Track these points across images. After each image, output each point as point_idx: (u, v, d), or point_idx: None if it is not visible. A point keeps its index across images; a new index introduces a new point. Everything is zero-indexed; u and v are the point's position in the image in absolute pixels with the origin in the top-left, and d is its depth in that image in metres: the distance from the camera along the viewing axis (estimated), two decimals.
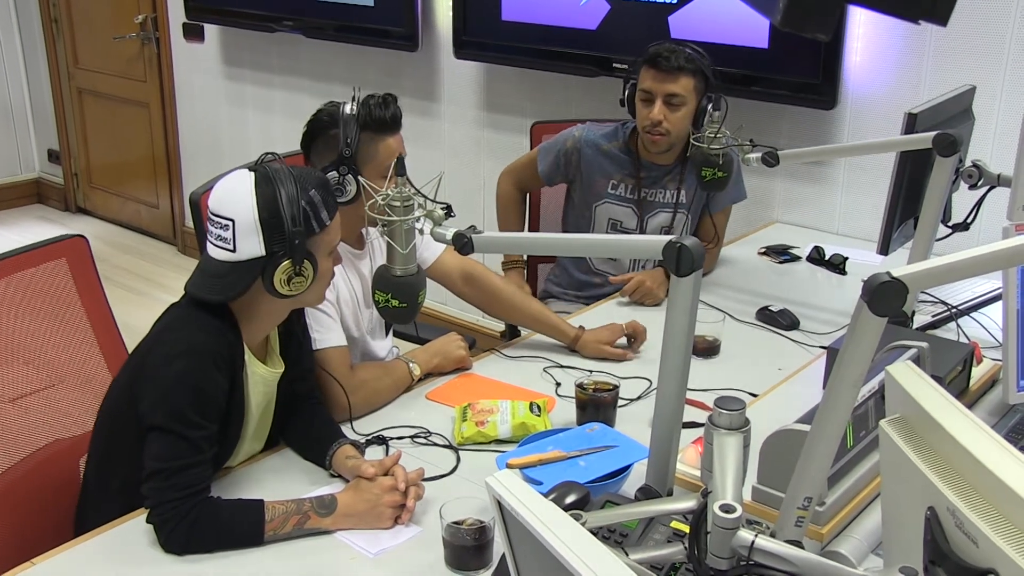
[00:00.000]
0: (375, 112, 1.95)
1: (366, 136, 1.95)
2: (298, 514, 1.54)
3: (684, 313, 1.40)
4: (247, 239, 1.56)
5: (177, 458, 1.52)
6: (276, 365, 1.76)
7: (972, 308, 2.29)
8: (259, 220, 1.55)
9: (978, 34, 2.70)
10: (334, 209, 1.65)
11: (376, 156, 1.97)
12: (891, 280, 1.03)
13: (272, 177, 1.57)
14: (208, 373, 1.56)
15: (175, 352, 1.56)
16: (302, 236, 1.56)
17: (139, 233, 5.58)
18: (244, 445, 1.73)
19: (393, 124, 1.99)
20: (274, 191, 1.55)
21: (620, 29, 3.25)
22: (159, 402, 1.54)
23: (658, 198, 2.64)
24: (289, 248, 1.56)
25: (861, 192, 3.03)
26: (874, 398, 1.52)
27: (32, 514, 1.78)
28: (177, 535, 1.50)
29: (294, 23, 4.17)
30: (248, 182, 1.57)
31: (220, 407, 1.59)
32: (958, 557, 0.89)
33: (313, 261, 1.60)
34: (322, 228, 1.62)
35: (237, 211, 1.56)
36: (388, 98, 1.99)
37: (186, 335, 1.59)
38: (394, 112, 1.98)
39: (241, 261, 1.57)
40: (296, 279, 1.58)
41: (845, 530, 1.47)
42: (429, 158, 3.99)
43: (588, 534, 0.80)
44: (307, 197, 1.58)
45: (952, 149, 2.05)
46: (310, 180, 1.62)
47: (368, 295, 2.12)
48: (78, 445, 1.85)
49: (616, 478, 1.61)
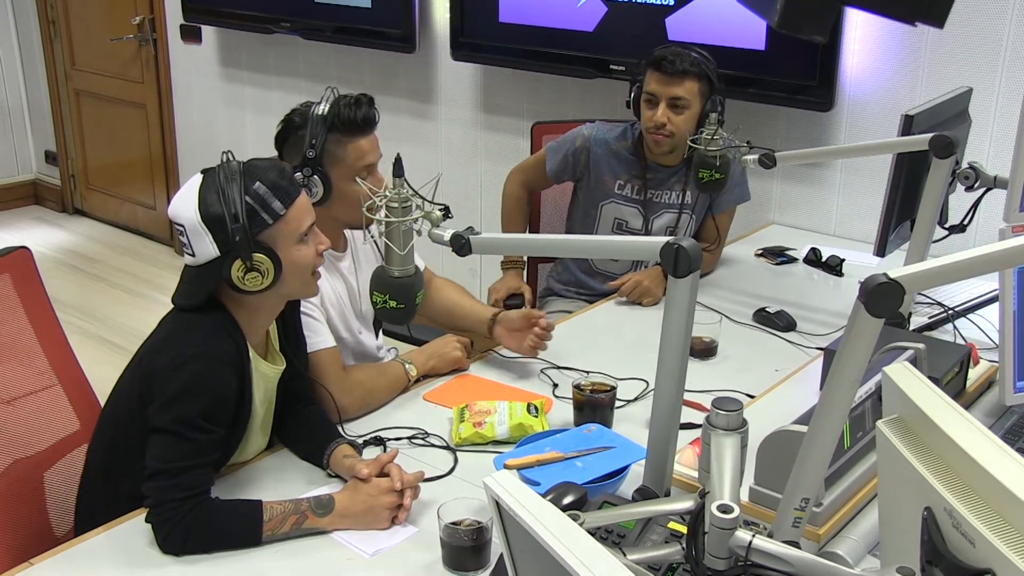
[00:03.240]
0: (344, 113, 1.92)
1: (334, 137, 1.93)
2: (296, 514, 1.54)
3: (682, 314, 1.40)
4: (199, 242, 1.56)
5: (181, 459, 1.53)
6: (277, 362, 1.76)
7: (969, 310, 2.29)
8: (202, 221, 1.55)
9: (975, 36, 2.71)
10: (291, 196, 1.61)
11: (345, 158, 1.94)
12: (888, 281, 1.03)
13: (216, 176, 1.57)
14: (221, 376, 1.57)
15: (187, 355, 1.56)
16: (244, 231, 1.55)
17: (136, 235, 5.58)
18: (250, 442, 1.73)
19: (364, 125, 1.95)
20: (214, 190, 1.55)
21: (617, 31, 3.25)
22: (170, 405, 1.54)
23: (663, 199, 2.65)
24: (235, 245, 1.55)
25: (858, 194, 3.03)
26: (871, 399, 1.53)
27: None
28: (175, 536, 1.50)
29: (291, 25, 4.16)
30: (194, 185, 1.58)
31: (230, 411, 1.60)
32: (955, 557, 0.89)
33: (270, 253, 1.58)
34: (275, 218, 1.59)
35: (186, 216, 1.56)
36: (361, 99, 1.95)
37: (196, 339, 1.59)
38: (366, 114, 1.95)
39: (202, 264, 1.58)
40: (250, 275, 1.57)
41: (842, 531, 1.48)
42: (426, 159, 3.99)
43: (586, 534, 0.80)
44: (252, 192, 1.57)
45: (949, 151, 2.05)
46: (258, 172, 1.60)
47: (354, 296, 2.12)
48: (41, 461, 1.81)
49: (614, 479, 1.61)
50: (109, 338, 4.09)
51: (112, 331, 4.20)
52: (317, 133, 1.91)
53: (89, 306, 4.58)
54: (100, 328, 4.29)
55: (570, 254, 2.64)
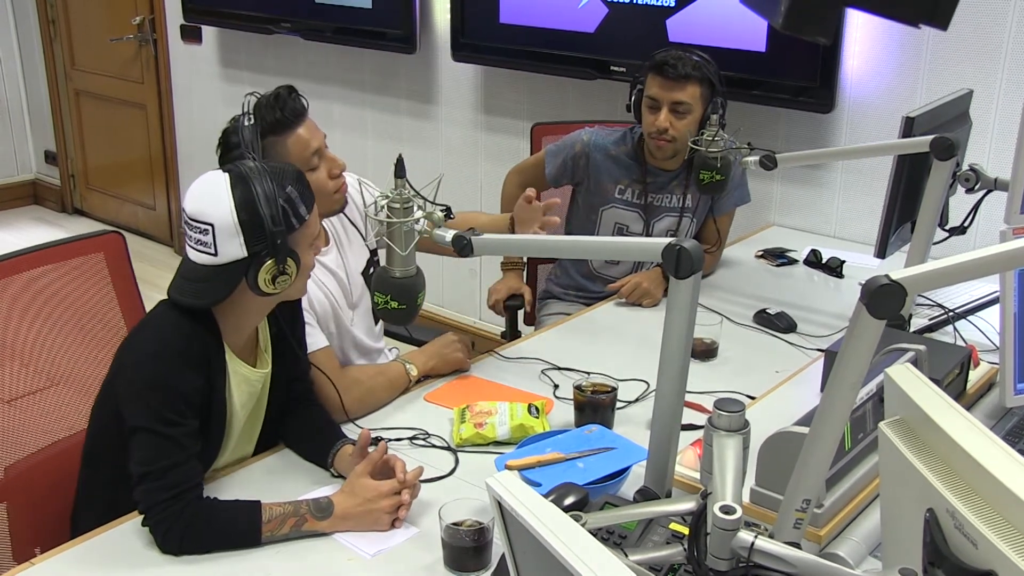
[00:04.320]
0: (267, 115, 1.89)
1: (270, 140, 1.90)
2: (295, 516, 1.54)
3: (683, 315, 1.40)
4: (228, 242, 1.53)
5: (162, 458, 1.52)
6: (264, 365, 1.74)
7: (969, 311, 2.29)
8: (238, 222, 1.52)
9: (975, 38, 2.71)
10: (312, 202, 1.62)
11: (288, 155, 1.92)
12: (890, 283, 1.03)
13: (247, 176, 1.54)
14: (178, 371, 1.55)
15: (145, 353, 1.56)
16: (283, 234, 1.54)
17: (136, 235, 5.57)
18: (230, 445, 1.72)
19: (292, 118, 1.91)
20: (251, 191, 1.53)
21: (618, 32, 3.25)
22: (135, 404, 1.54)
23: (664, 203, 2.65)
24: (272, 248, 1.54)
25: (858, 195, 3.03)
26: (872, 400, 1.53)
27: (28, 513, 1.78)
28: (172, 536, 1.50)
29: (292, 25, 4.17)
30: (223, 184, 1.54)
31: (195, 403, 1.58)
32: (957, 559, 0.89)
33: (296, 257, 1.58)
34: (301, 223, 1.59)
35: (215, 215, 1.52)
36: (280, 92, 1.92)
37: (155, 335, 1.58)
38: (291, 106, 1.91)
39: (223, 264, 1.55)
40: (281, 278, 1.57)
41: (843, 532, 1.48)
42: (426, 160, 3.99)
43: (588, 535, 0.80)
44: (284, 194, 1.55)
45: (949, 153, 2.05)
46: (286, 176, 1.58)
47: (346, 288, 2.12)
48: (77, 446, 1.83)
49: (615, 480, 1.61)
50: None
51: None
52: (252, 145, 1.88)
53: None
54: None
55: (571, 255, 2.64)
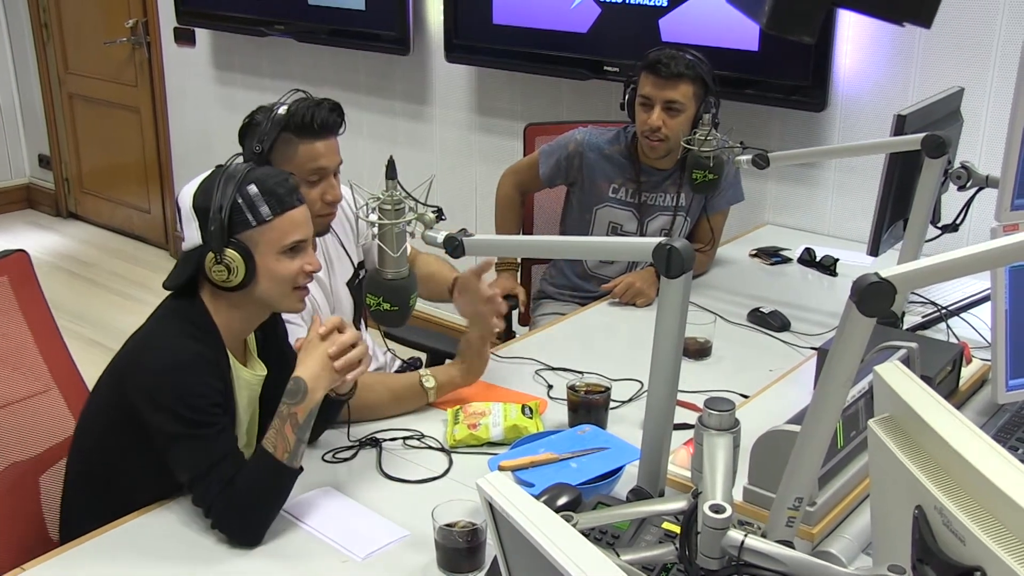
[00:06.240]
0: (299, 113, 1.91)
1: (285, 136, 1.92)
2: (286, 422, 1.56)
3: (674, 315, 1.40)
4: (189, 227, 1.62)
5: (205, 459, 1.54)
6: (257, 369, 1.76)
7: (961, 309, 2.30)
8: (193, 208, 1.61)
9: (966, 36, 2.72)
10: (284, 206, 1.61)
11: (294, 159, 1.92)
12: (879, 281, 1.03)
13: (225, 170, 1.62)
14: (201, 379, 1.57)
15: (164, 367, 1.56)
16: (221, 224, 1.57)
17: (131, 238, 5.57)
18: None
19: (320, 130, 1.92)
20: (214, 182, 1.60)
21: (611, 32, 3.26)
22: (165, 416, 1.54)
23: (658, 202, 2.65)
24: (210, 236, 1.58)
25: (851, 194, 3.04)
26: (864, 399, 1.53)
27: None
28: (233, 525, 1.53)
29: (285, 27, 4.16)
30: (202, 176, 1.64)
31: (222, 403, 1.60)
32: (945, 555, 0.89)
33: (245, 253, 1.58)
34: (260, 222, 1.59)
35: (183, 199, 1.64)
36: (324, 103, 1.93)
37: (170, 346, 1.59)
38: (325, 118, 1.92)
39: (189, 250, 1.63)
40: (218, 267, 1.58)
41: (836, 530, 1.48)
42: (420, 161, 3.99)
43: (579, 535, 0.80)
44: (244, 191, 1.59)
45: (941, 151, 2.06)
46: (258, 176, 1.61)
47: (330, 284, 2.12)
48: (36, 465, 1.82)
49: (608, 480, 1.61)
50: (103, 342, 4.08)
51: (106, 335, 4.19)
52: (269, 130, 1.90)
53: (83, 310, 4.57)
54: (94, 332, 4.28)
55: (564, 255, 2.65)
